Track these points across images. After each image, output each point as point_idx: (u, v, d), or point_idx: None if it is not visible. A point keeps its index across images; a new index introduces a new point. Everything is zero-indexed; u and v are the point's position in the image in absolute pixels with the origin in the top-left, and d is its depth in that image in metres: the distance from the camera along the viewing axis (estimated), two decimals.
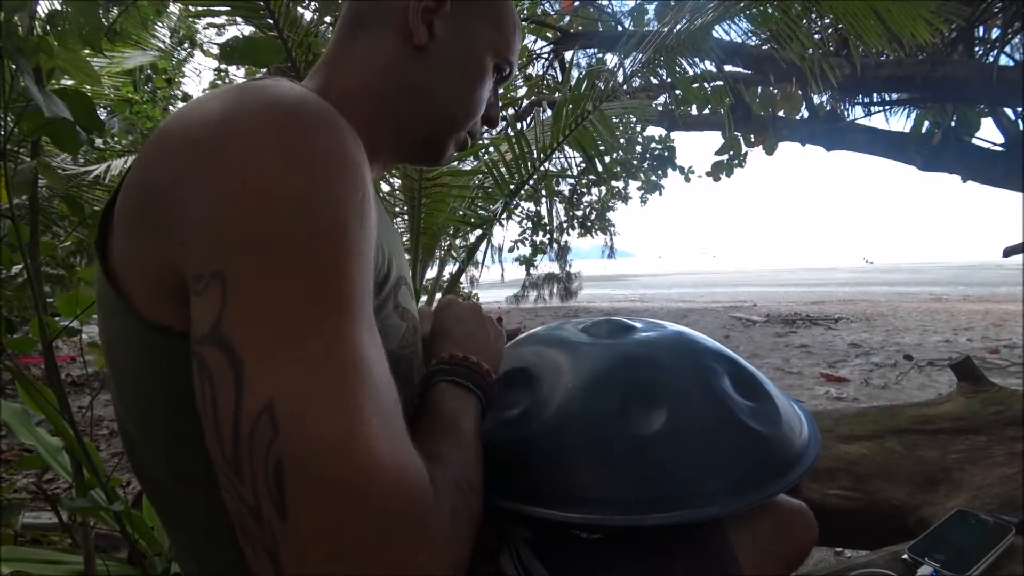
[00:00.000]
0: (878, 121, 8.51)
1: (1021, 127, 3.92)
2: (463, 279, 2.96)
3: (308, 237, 0.34)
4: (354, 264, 0.36)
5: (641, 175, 7.58)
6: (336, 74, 0.56)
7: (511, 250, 9.56)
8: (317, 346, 0.33)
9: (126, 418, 0.47)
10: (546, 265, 10.95)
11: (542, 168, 2.00)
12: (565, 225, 9.49)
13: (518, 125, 2.94)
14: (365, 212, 0.38)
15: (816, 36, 3.22)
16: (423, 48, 0.55)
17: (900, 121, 6.30)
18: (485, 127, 0.65)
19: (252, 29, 1.71)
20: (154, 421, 0.44)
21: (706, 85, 3.74)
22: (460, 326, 0.62)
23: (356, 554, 0.32)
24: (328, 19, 1.86)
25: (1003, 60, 3.66)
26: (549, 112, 3.11)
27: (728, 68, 3.81)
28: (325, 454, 0.32)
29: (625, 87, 2.18)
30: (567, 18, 5.09)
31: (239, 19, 1.78)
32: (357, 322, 0.35)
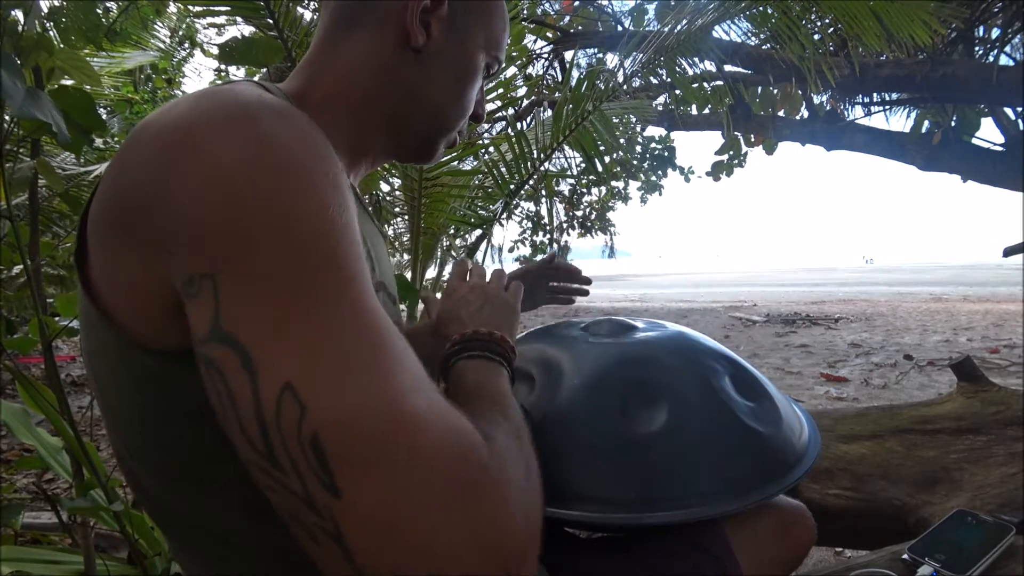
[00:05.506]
0: (878, 121, 8.52)
1: (1021, 127, 3.91)
2: None
3: (289, 223, 0.34)
4: (341, 240, 0.35)
5: (641, 175, 7.59)
6: (320, 74, 0.54)
7: (511, 250, 9.54)
8: (322, 320, 0.32)
9: (113, 432, 0.46)
10: None
11: (542, 168, 2.00)
12: (565, 225, 9.48)
13: (518, 125, 2.94)
14: (342, 199, 0.37)
15: (816, 36, 3.22)
16: (419, 50, 0.53)
17: (900, 121, 6.29)
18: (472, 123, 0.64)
19: (252, 29, 1.71)
20: (141, 434, 0.43)
21: (706, 85, 3.74)
22: (466, 308, 0.61)
23: (422, 515, 0.30)
24: None
25: (1003, 60, 3.66)
26: (549, 112, 3.11)
27: (728, 68, 3.80)
28: (361, 417, 0.30)
29: (625, 87, 2.18)
30: (567, 18, 5.09)
31: (239, 19, 1.78)
32: (360, 290, 0.34)
